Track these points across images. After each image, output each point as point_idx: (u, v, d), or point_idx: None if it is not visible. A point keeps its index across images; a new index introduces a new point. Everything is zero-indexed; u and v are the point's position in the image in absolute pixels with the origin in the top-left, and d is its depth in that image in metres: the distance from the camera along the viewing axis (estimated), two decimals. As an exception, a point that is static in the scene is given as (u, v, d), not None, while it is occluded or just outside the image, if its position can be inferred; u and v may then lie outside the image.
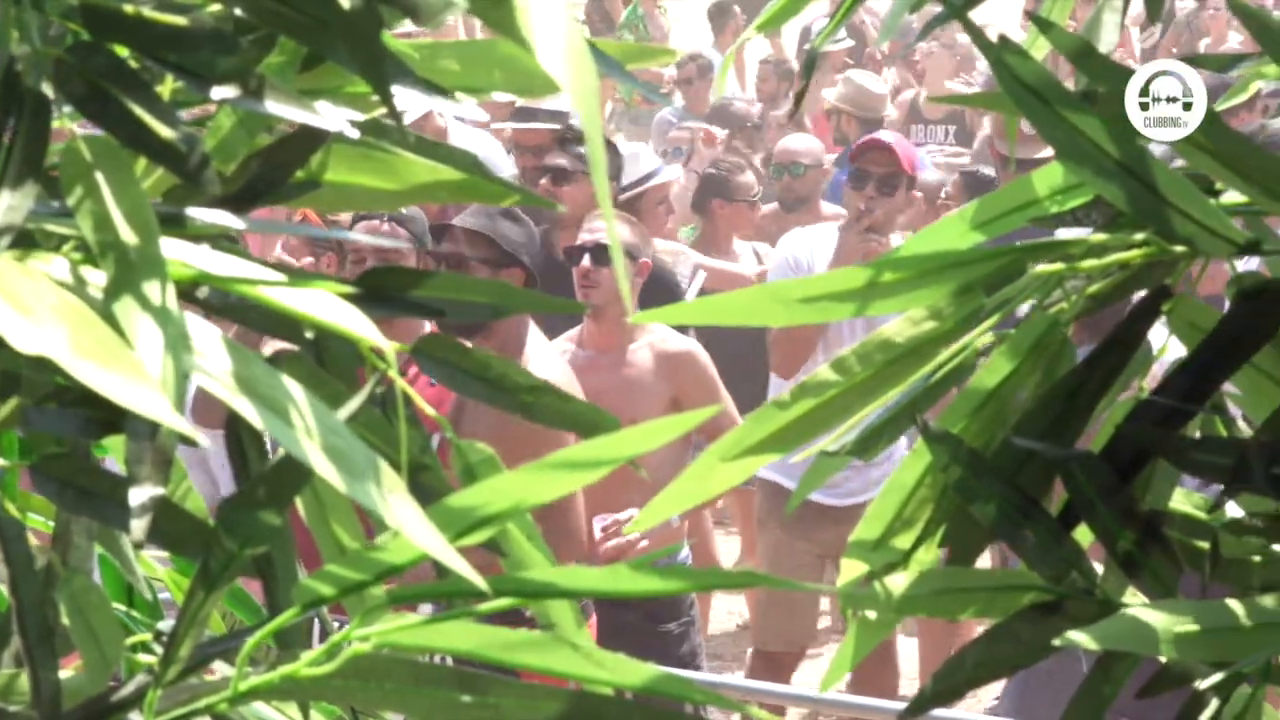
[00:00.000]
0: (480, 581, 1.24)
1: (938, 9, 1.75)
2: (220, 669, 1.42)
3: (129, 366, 1.19)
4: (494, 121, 9.59)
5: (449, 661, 1.28)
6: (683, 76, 13.83)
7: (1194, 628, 1.54)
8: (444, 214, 5.99)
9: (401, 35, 1.46)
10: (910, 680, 7.51)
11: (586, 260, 6.41)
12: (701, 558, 7.81)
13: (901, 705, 1.72)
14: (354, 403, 1.34)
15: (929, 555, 1.71)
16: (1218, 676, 1.60)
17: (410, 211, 6.23)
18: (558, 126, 8.06)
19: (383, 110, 1.44)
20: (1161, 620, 1.54)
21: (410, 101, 1.39)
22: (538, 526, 1.55)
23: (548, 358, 5.85)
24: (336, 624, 1.43)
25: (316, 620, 1.55)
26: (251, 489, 1.34)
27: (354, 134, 1.41)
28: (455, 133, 8.74)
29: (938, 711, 1.70)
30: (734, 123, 11.29)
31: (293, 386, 1.26)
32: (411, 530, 1.22)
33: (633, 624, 6.14)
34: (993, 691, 6.34)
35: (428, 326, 5.76)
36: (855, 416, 1.65)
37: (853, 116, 10.97)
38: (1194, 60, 2.03)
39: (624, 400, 6.00)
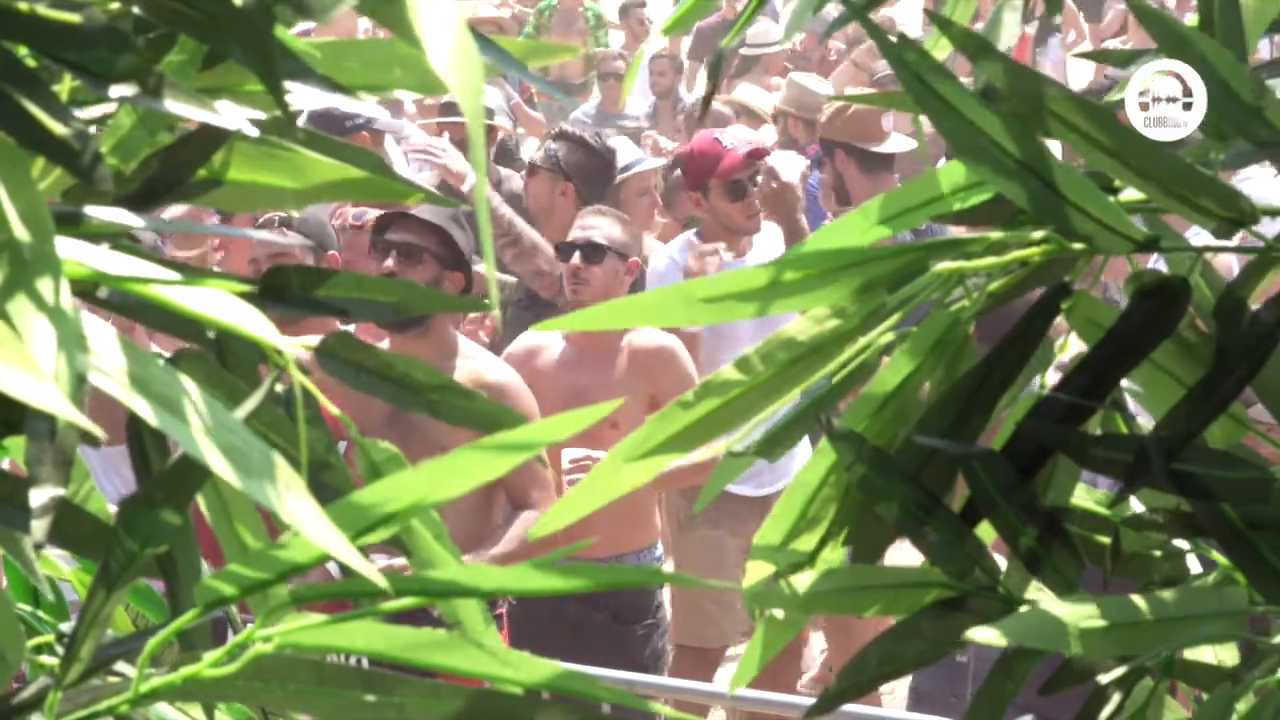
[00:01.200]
0: (382, 580, 1.23)
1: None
2: (126, 669, 1.41)
3: (24, 362, 1.18)
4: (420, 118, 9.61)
5: (364, 663, 1.28)
6: (602, 72, 13.89)
7: (1096, 623, 1.55)
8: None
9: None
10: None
11: (577, 258, 6.37)
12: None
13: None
14: (251, 401, 1.34)
15: (834, 554, 1.71)
16: (1120, 671, 1.61)
17: (307, 214, 6.19)
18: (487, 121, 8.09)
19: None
20: (1064, 616, 1.55)
21: (309, 99, 1.39)
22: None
23: (489, 358, 5.83)
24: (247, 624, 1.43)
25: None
26: (151, 488, 1.34)
27: (254, 132, 1.40)
28: None
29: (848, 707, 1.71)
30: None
31: (190, 385, 1.26)
32: (309, 528, 1.21)
33: (599, 624, 6.14)
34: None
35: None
36: (759, 415, 1.65)
37: (799, 119, 10.86)
38: (1094, 56, 2.05)
39: (604, 398, 5.96)
